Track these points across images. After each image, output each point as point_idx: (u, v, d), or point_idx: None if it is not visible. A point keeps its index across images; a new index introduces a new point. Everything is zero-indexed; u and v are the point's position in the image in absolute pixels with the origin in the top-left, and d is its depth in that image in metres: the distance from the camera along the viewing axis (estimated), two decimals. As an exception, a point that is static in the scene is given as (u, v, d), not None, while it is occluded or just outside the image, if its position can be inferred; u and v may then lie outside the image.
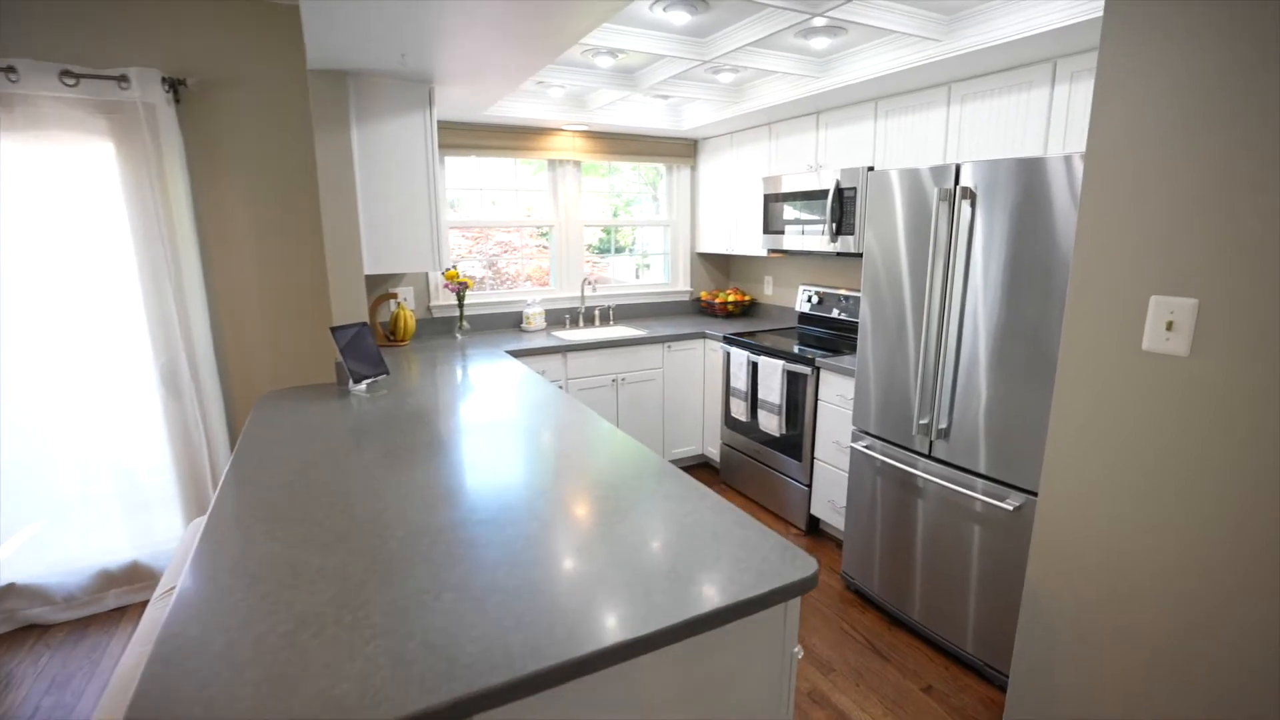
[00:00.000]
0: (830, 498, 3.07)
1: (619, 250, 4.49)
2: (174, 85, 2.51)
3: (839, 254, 3.19)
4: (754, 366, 3.43)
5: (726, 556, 1.22)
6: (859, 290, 3.51)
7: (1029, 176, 1.91)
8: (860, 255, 3.08)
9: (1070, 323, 1.58)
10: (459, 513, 1.42)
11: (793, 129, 3.50)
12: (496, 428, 2.02)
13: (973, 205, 2.07)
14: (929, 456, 2.33)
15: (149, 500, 2.74)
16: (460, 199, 3.90)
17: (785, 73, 2.84)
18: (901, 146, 2.90)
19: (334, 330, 2.47)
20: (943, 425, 2.24)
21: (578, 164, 4.09)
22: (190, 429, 2.72)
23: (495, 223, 3.98)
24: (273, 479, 1.63)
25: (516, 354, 3.39)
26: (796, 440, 3.22)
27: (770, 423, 3.32)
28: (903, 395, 2.43)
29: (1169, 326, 1.38)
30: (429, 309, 3.82)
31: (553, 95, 3.37)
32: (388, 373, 2.60)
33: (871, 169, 2.97)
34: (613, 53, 2.65)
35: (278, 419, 2.13)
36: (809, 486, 3.20)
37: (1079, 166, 1.78)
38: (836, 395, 2.95)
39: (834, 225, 3.14)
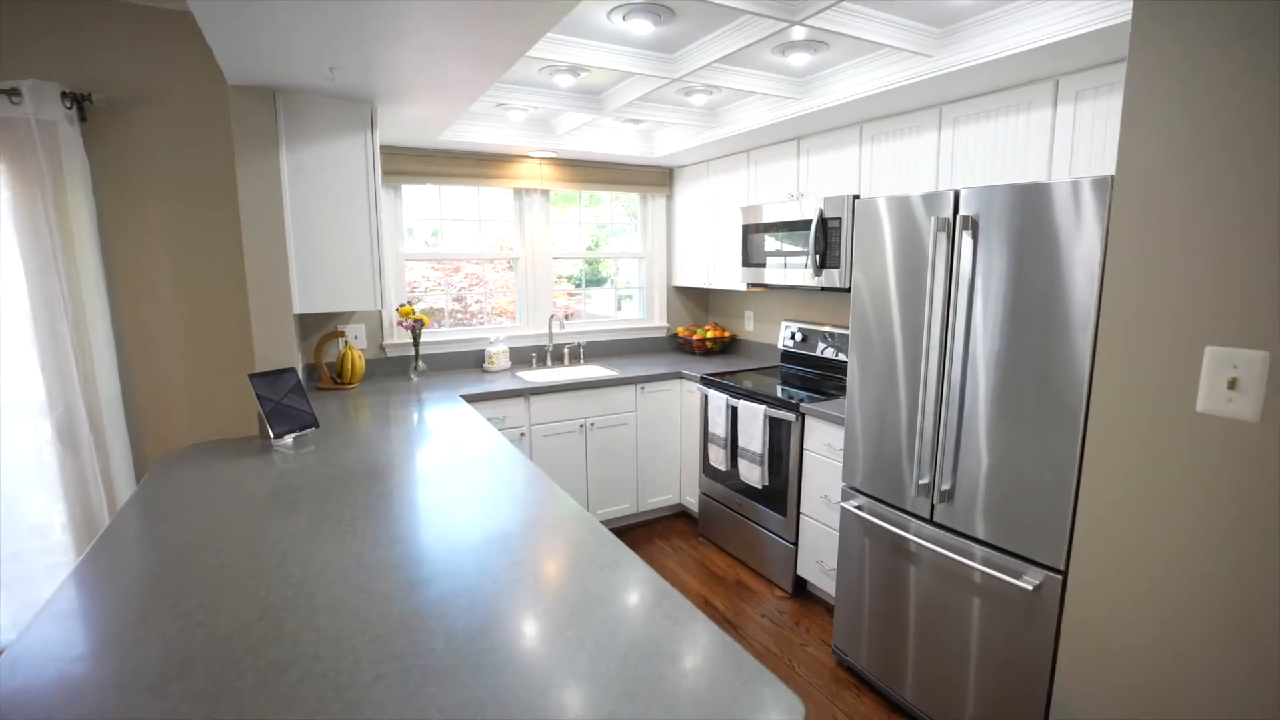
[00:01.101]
0: (819, 558, 2.77)
1: (595, 282, 4.23)
2: (77, 101, 2.23)
3: (823, 289, 2.95)
4: (733, 411, 3.15)
5: (684, 698, 0.92)
6: (846, 326, 3.27)
7: (1036, 203, 1.68)
8: (847, 290, 2.84)
9: (1103, 376, 1.33)
10: (345, 627, 1.10)
11: (773, 156, 3.29)
12: (426, 497, 1.71)
13: (974, 235, 1.83)
14: (930, 521, 2.04)
15: (36, 573, 2.37)
16: (441, 229, 3.64)
17: (763, 94, 2.63)
18: (889, 174, 2.69)
19: (254, 377, 2.16)
20: (945, 486, 1.97)
21: (545, 193, 3.85)
22: (89, 491, 2.38)
23: (456, 255, 3.71)
24: (133, 571, 1.30)
25: (474, 399, 3.09)
26: (781, 493, 2.93)
27: (751, 473, 3.03)
28: (897, 449, 2.16)
29: (1231, 384, 1.13)
30: (382, 348, 3.52)
31: (514, 119, 3.13)
32: (316, 425, 2.28)
33: (857, 197, 2.74)
34: (574, 70, 2.42)
35: (174, 484, 1.80)
36: (795, 544, 2.90)
37: (1090, 192, 1.55)
38: (824, 445, 2.67)
39: (818, 258, 2.90)
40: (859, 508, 2.29)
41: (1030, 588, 1.73)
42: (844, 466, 2.38)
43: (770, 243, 3.19)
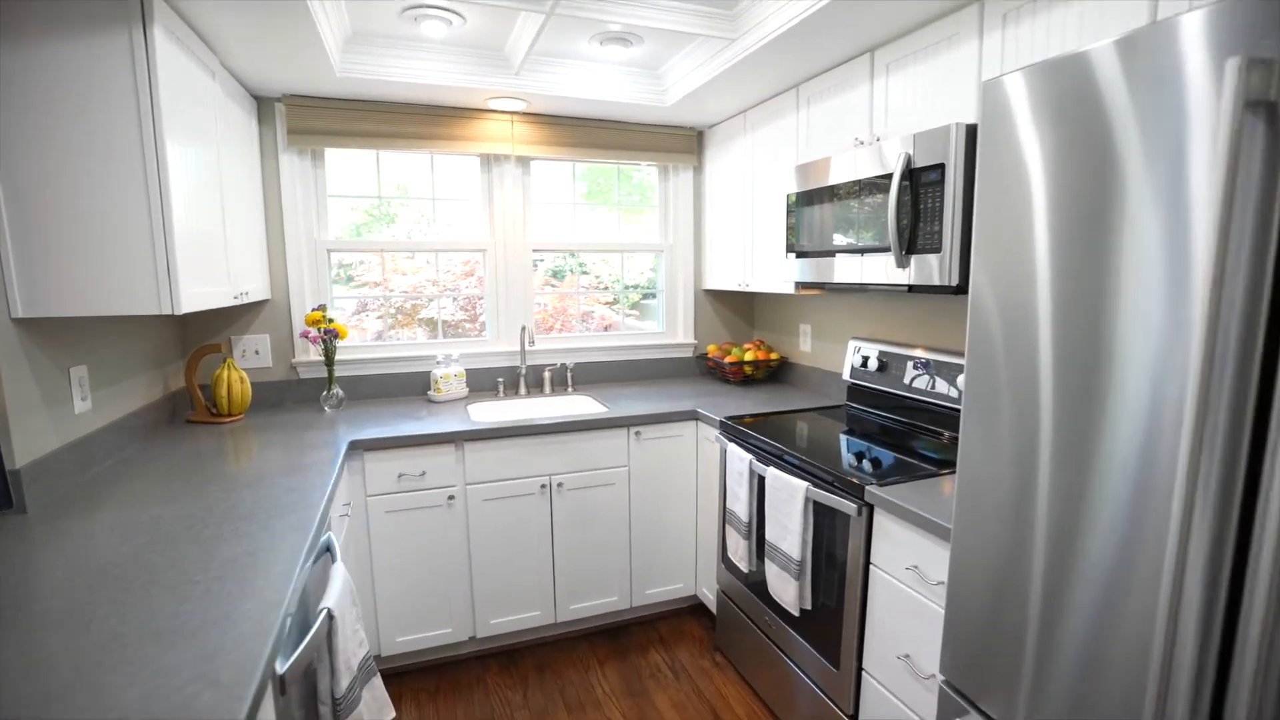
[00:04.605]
0: (894, 758, 1.58)
1: (650, 295, 3.19)
2: None
3: (912, 288, 1.77)
4: (759, 482, 2.01)
5: None
6: (949, 349, 2.05)
7: None
8: (954, 290, 1.65)
9: None
10: None
11: (833, 86, 2.14)
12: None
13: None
14: None
15: None
16: (431, 212, 2.75)
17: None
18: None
19: (-113, 426, 1.27)
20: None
21: (523, 162, 2.86)
22: None
23: (395, 245, 2.77)
24: None
25: (376, 446, 2.12)
26: (832, 626, 1.76)
27: (784, 589, 1.87)
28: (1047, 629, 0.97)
29: None
30: (293, 366, 2.63)
31: (434, 36, 2.15)
32: (6, 504, 1.37)
33: (976, 126, 1.57)
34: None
35: None
36: (853, 719, 1.71)
37: None
38: (907, 564, 1.49)
39: (903, 237, 1.73)
40: (975, 740, 1.11)
41: None
42: (946, 629, 1.20)
43: (828, 219, 2.04)
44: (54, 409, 1.62)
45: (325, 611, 1.21)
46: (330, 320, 2.49)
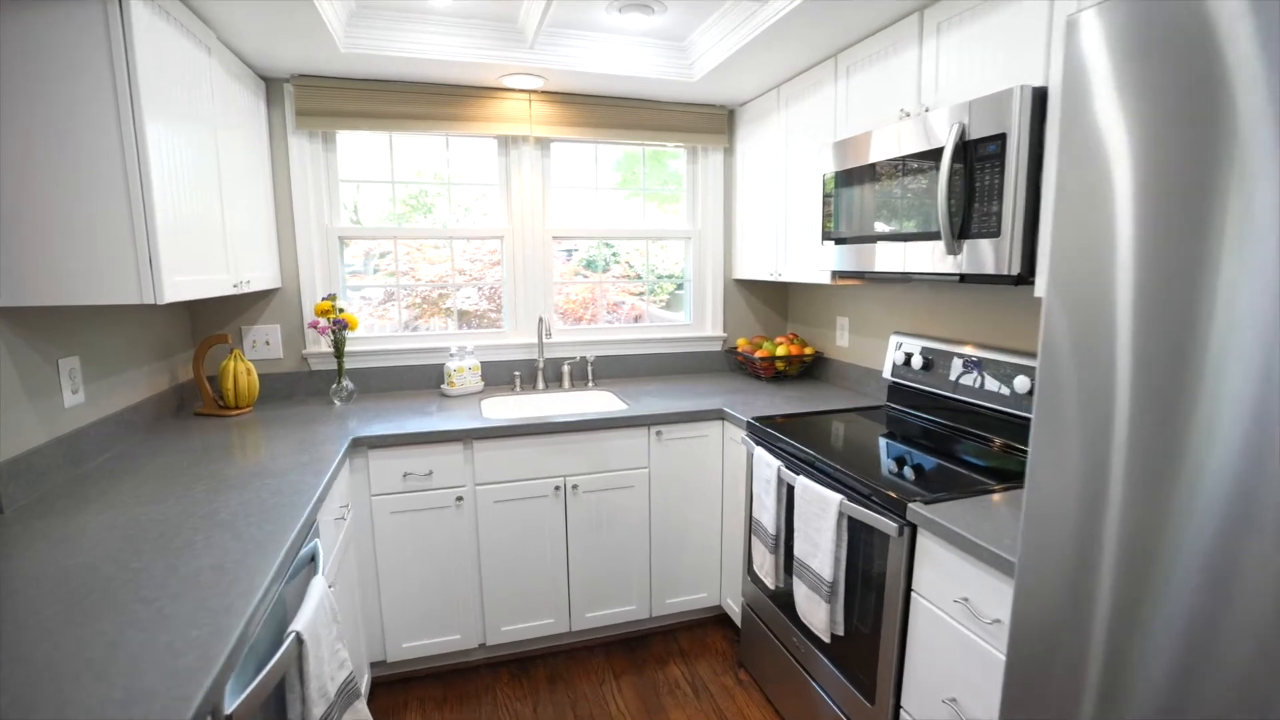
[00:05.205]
0: (936, 810, 1.39)
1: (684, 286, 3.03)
2: None
3: (964, 277, 1.56)
4: (788, 491, 1.83)
5: None
6: (1005, 346, 1.82)
7: None
8: (1014, 280, 1.44)
9: None
10: None
11: (876, 54, 1.93)
12: None
13: None
14: None
15: None
16: (462, 199, 2.64)
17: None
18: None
19: None
20: None
21: (542, 143, 2.71)
22: None
23: (407, 233, 2.66)
24: None
25: (380, 443, 2.01)
26: (867, 655, 1.58)
27: (813, 611, 1.69)
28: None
29: None
30: (304, 358, 2.55)
31: (439, 7, 2.00)
32: (-25, 508, 1.29)
33: (1044, 90, 1.37)
34: None
35: None
36: (891, 761, 1.53)
37: None
38: (955, 595, 1.30)
39: (955, 220, 1.52)
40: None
41: None
42: (1006, 687, 1.02)
43: (869, 201, 1.84)
44: (40, 402, 1.54)
45: (294, 635, 1.09)
46: (340, 310, 2.40)
